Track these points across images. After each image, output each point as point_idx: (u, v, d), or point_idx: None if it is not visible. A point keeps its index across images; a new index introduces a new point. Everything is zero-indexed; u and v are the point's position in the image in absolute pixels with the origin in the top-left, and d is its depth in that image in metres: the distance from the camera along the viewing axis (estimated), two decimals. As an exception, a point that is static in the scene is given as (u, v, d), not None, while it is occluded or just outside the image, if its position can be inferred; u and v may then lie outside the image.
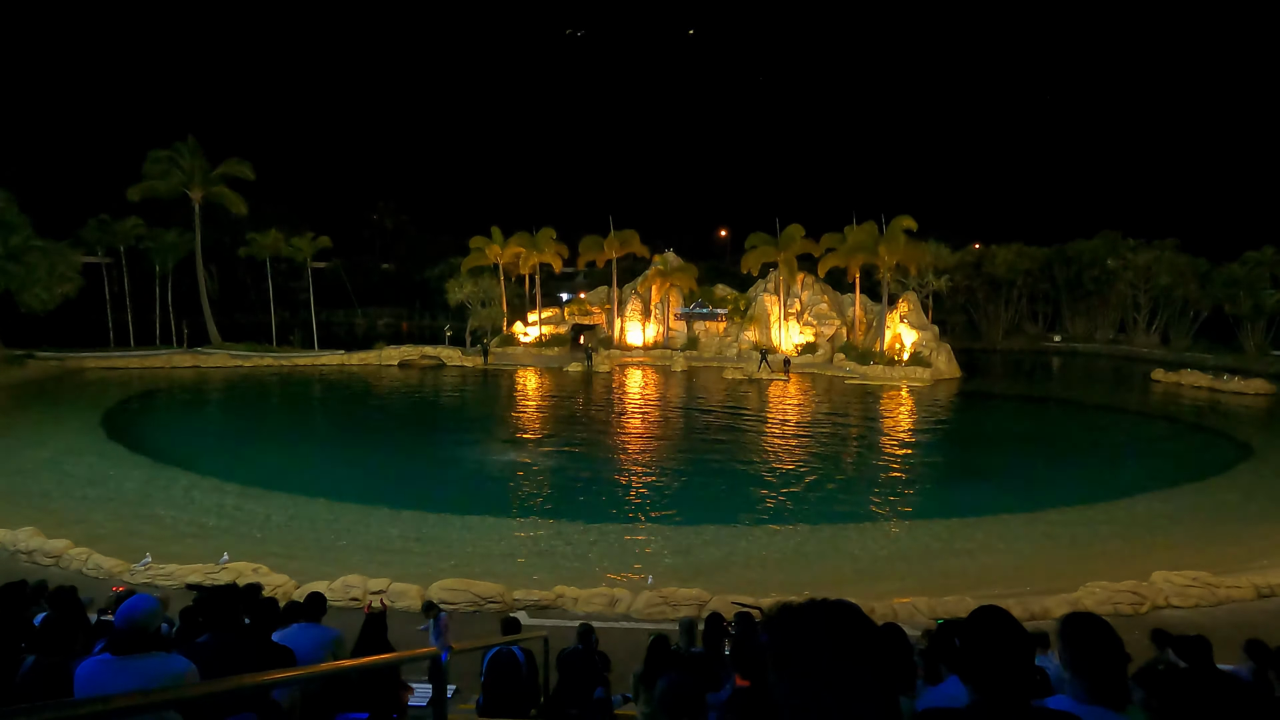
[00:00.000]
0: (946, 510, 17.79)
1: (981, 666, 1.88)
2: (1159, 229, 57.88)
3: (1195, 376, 40.03)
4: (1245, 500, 18.99)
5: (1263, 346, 50.48)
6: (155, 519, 16.39)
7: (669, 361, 45.74)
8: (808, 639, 1.31)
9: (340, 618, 9.12)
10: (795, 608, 1.38)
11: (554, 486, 20.12)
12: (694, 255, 56.12)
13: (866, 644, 1.31)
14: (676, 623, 7.45)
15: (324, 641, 5.58)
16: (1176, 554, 14.11)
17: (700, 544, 15.33)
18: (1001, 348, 59.10)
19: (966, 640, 1.95)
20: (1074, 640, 2.47)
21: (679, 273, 48.30)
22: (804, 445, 25.41)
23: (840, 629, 1.32)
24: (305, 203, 72.31)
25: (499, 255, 49.47)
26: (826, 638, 1.30)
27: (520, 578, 13.15)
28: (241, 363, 42.50)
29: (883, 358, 42.20)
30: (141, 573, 12.50)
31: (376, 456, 23.08)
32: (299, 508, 17.21)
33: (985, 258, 60.38)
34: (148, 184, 44.62)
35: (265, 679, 3.16)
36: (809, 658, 1.29)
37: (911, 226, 43.01)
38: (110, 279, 45.75)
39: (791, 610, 1.37)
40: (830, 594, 3.46)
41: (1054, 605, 11.50)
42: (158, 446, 23.08)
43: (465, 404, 35.04)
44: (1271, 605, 11.99)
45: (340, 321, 68.10)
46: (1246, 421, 30.40)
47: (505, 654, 7.02)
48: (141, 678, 3.51)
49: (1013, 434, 29.11)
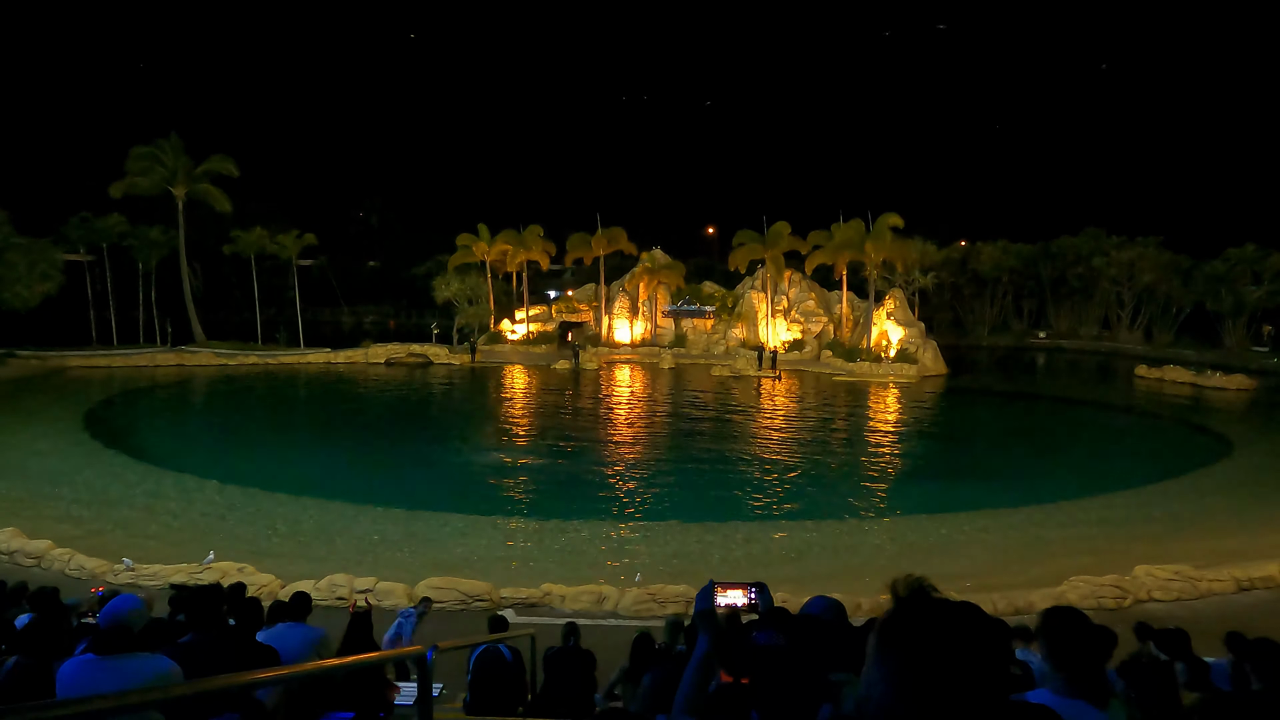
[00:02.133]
0: (932, 506, 17.90)
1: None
2: (1143, 226, 58.39)
3: (1178, 372, 40.44)
4: (1226, 495, 19.18)
5: (1244, 342, 51.07)
6: (139, 518, 16.26)
7: (656, 359, 45.76)
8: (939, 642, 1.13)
9: (326, 617, 9.08)
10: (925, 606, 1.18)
11: (541, 484, 20.10)
12: (681, 252, 56.09)
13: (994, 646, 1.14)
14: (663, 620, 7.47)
15: (309, 641, 5.55)
16: (1159, 548, 14.25)
17: (688, 541, 15.36)
18: (987, 344, 59.49)
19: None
20: (1054, 634, 2.49)
21: (666, 270, 48.30)
22: (791, 442, 25.49)
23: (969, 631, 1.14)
24: (290, 200, 71.74)
25: (486, 252, 49.31)
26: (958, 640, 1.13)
27: (508, 575, 13.13)
28: (226, 361, 42.16)
29: (869, 354, 42.38)
30: (125, 573, 12.40)
31: (363, 455, 22.97)
32: (285, 507, 17.12)
33: (971, 255, 60.74)
34: (130, 180, 44.14)
35: (248, 679, 3.14)
36: (939, 662, 1.11)
37: (898, 224, 43.20)
38: (93, 277, 45.30)
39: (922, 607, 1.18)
40: (817, 589, 3.47)
41: (1038, 599, 11.60)
42: (141, 446, 22.90)
43: (453, 402, 34.95)
44: (1251, 598, 12.14)
45: (326, 319, 67.69)
46: (1228, 417, 30.73)
47: (492, 652, 7.00)
48: (124, 678, 3.48)
49: (998, 430, 29.32)
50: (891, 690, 1.11)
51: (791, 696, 1.95)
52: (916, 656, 1.10)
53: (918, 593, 1.19)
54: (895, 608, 1.19)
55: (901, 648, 1.12)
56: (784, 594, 10.81)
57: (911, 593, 1.20)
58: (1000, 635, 1.14)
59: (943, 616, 1.14)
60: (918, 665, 1.09)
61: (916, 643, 1.11)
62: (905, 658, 1.11)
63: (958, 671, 1.08)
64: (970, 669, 1.09)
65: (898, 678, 1.10)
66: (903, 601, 1.19)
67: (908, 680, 1.09)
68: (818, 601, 2.91)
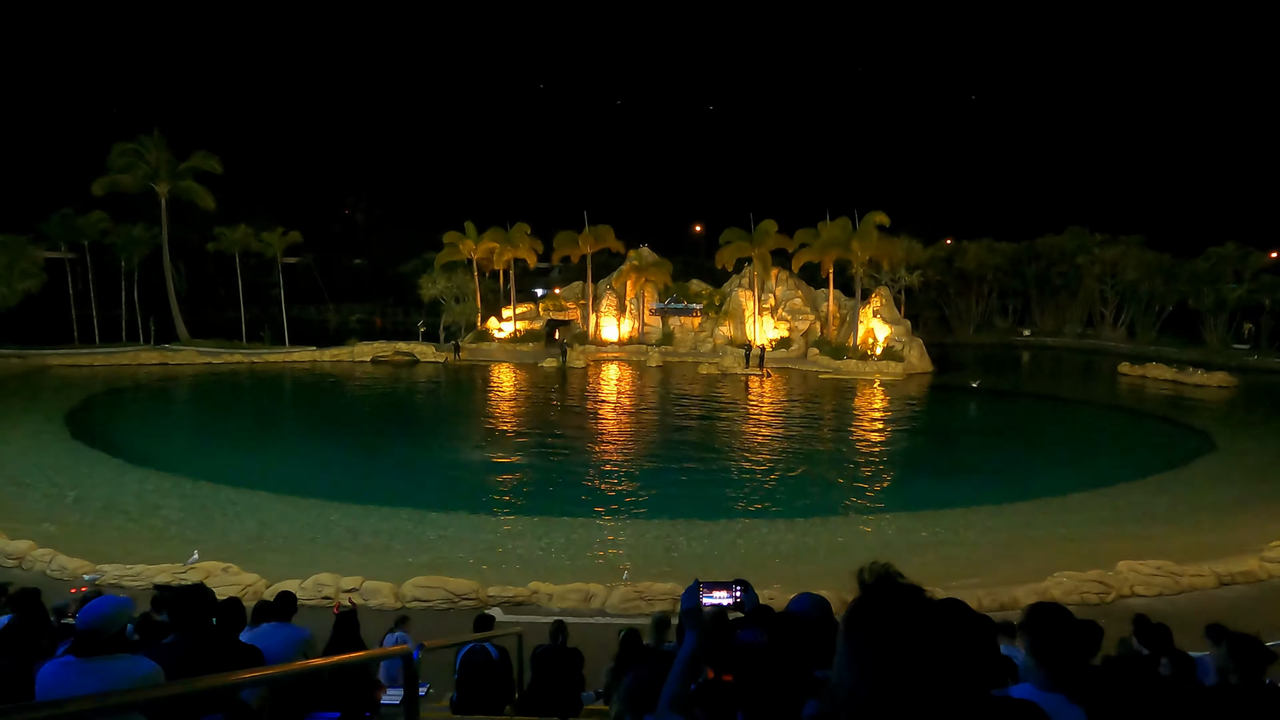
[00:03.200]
0: (918, 503, 18.02)
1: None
2: (1126, 225, 59.04)
3: (1160, 370, 40.87)
4: (1208, 490, 19.40)
5: (1225, 340, 51.64)
6: (122, 519, 16.12)
7: (644, 357, 45.76)
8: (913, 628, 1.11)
9: (312, 617, 9.03)
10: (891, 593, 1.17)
11: (528, 482, 20.07)
12: (669, 250, 56.08)
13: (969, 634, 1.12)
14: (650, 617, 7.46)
15: (294, 641, 5.52)
16: (1142, 544, 14.40)
17: (676, 539, 15.37)
18: (972, 342, 59.85)
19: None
20: (1036, 630, 2.51)
21: (654, 268, 48.29)
22: (778, 439, 25.56)
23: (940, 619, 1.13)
24: (275, 197, 71.35)
25: (473, 250, 49.12)
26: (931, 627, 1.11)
27: (495, 574, 13.11)
28: (211, 360, 41.79)
29: (856, 352, 42.55)
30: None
31: (348, 454, 22.85)
32: (269, 506, 17.01)
33: (956, 253, 61.09)
34: (112, 177, 43.65)
35: (232, 680, 3.12)
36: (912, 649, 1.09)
37: (884, 222, 43.39)
38: (74, 275, 44.75)
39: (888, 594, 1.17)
40: (805, 587, 3.48)
41: (1022, 595, 11.70)
42: (124, 445, 22.66)
43: (439, 400, 34.81)
44: (1232, 593, 12.29)
45: (312, 318, 67.24)
46: (1209, 414, 31.06)
47: (479, 651, 6.99)
48: (104, 680, 3.45)
49: (983, 427, 29.53)
50: (860, 677, 1.10)
51: (776, 694, 1.96)
52: (883, 642, 1.09)
53: (883, 579, 1.18)
54: (861, 595, 1.18)
55: (867, 633, 1.12)
56: (772, 592, 10.86)
57: (877, 579, 1.19)
58: (969, 622, 1.13)
59: (908, 602, 1.13)
60: (884, 651, 1.08)
61: (882, 628, 1.11)
62: (872, 643, 1.10)
63: (925, 656, 1.07)
64: (938, 653, 1.08)
65: (865, 664, 1.10)
66: (868, 588, 1.18)
67: (875, 666, 1.08)
68: (803, 599, 2.92)
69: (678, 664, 2.56)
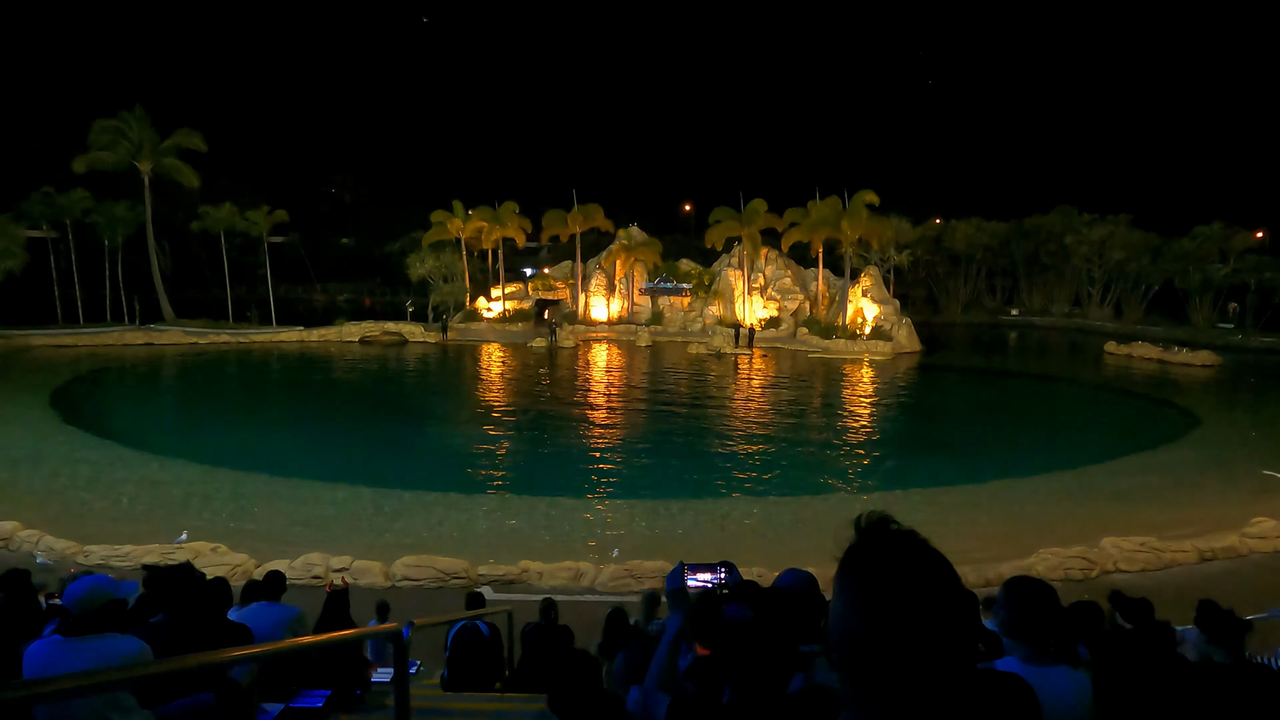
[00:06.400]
0: (905, 481, 18.16)
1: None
2: (1113, 204, 59.23)
3: (1146, 349, 41.19)
4: (1191, 468, 19.61)
5: (1210, 319, 52.07)
6: (110, 499, 16.02)
7: (633, 336, 45.74)
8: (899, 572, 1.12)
9: (302, 596, 9.04)
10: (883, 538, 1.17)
11: (518, 461, 20.10)
12: (658, 230, 56.02)
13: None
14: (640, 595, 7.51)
15: (283, 620, 5.53)
16: (1126, 520, 14.55)
17: (665, 517, 15.43)
18: (961, 321, 60.09)
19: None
20: (1013, 604, 2.54)
21: (643, 247, 48.17)
22: (768, 419, 25.65)
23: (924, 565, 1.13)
24: (261, 176, 70.61)
25: (461, 229, 48.83)
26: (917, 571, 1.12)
27: (485, 553, 13.13)
28: (197, 340, 41.51)
29: (845, 332, 42.68)
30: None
31: (337, 434, 22.79)
32: (258, 486, 16.96)
33: (945, 233, 61.22)
34: (94, 155, 43.06)
35: (220, 657, 3.12)
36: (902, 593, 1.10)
37: (874, 201, 43.37)
38: (57, 254, 44.26)
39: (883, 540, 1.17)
40: (793, 564, 3.50)
41: (1007, 571, 11.81)
42: (110, 425, 22.53)
43: (428, 380, 34.73)
44: (1213, 568, 12.46)
45: (299, 297, 66.86)
46: (1194, 392, 31.34)
47: (470, 628, 7.02)
48: (92, 659, 3.44)
49: (971, 406, 29.70)
50: (854, 618, 1.11)
51: (762, 668, 1.98)
52: (877, 582, 1.10)
53: (879, 523, 1.20)
54: (857, 538, 1.19)
55: (862, 574, 1.13)
56: (760, 569, 10.93)
57: (872, 524, 1.20)
58: (957, 580, 1.13)
59: (904, 542, 1.15)
60: (879, 591, 1.09)
61: (877, 569, 1.12)
62: (866, 584, 1.11)
63: (918, 596, 1.08)
64: (931, 593, 1.09)
65: (860, 605, 1.11)
66: (864, 531, 1.19)
67: (869, 607, 1.09)
68: (790, 574, 2.94)
69: (663, 644, 2.61)
